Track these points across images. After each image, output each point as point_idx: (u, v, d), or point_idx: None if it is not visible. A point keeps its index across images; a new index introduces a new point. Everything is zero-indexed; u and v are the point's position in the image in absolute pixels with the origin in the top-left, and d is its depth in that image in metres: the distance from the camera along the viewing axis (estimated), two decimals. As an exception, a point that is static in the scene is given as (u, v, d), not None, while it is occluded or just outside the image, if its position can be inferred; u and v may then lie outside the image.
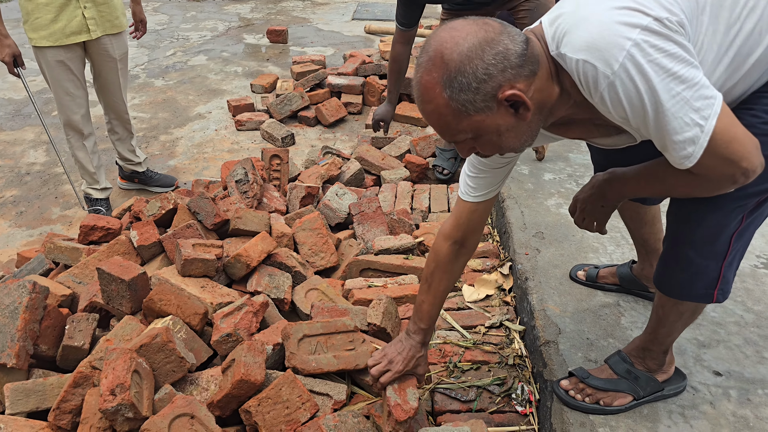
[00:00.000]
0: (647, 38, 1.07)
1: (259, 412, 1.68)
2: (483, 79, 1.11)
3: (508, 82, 1.13)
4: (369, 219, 2.75)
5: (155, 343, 1.76)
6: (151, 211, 2.51)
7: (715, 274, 1.41)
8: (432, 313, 1.69)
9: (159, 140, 4.37)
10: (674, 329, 1.56)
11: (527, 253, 2.32)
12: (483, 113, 1.15)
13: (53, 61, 3.04)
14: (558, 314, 1.99)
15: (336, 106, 4.51)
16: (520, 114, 1.17)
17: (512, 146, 1.25)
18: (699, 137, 1.11)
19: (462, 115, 1.15)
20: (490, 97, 1.13)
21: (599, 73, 1.11)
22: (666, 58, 1.08)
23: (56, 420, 1.70)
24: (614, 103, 1.14)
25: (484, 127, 1.18)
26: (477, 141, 1.23)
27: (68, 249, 2.45)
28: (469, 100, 1.13)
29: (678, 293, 1.48)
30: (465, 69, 1.11)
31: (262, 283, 2.21)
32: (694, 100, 1.10)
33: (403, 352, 1.69)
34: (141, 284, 2.03)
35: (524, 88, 1.15)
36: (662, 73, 1.08)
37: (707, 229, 1.36)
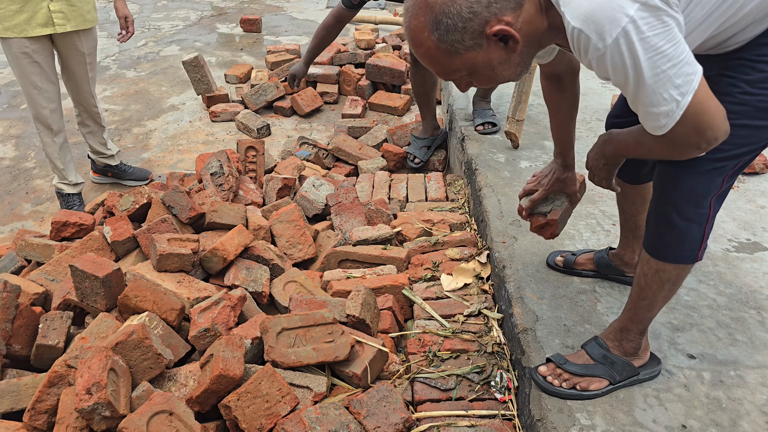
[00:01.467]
0: (644, 14, 1.12)
1: (238, 407, 1.67)
2: (468, 18, 1.14)
3: (494, 16, 1.16)
4: (346, 210, 2.74)
5: (131, 341, 1.74)
6: (124, 206, 2.48)
7: (699, 235, 1.46)
8: (561, 137, 1.84)
9: (132, 133, 4.30)
10: (655, 301, 1.58)
11: (504, 241, 2.34)
12: (473, 50, 1.19)
13: (19, 52, 2.97)
14: (535, 301, 2.01)
15: (311, 95, 4.48)
16: (510, 47, 1.21)
17: (508, 77, 1.30)
18: (674, 111, 1.19)
19: (453, 54, 1.19)
20: (478, 34, 1.17)
21: (591, 44, 1.16)
22: (657, 36, 1.13)
23: (31, 420, 1.68)
24: (601, 70, 1.21)
25: (476, 63, 1.22)
26: (472, 76, 1.28)
27: (40, 246, 2.41)
28: (458, 39, 1.17)
29: (667, 254, 1.51)
30: (449, 10, 1.14)
31: (240, 277, 2.20)
32: (676, 77, 1.16)
33: (550, 174, 1.87)
34: (115, 281, 2.00)
35: (511, 20, 1.18)
36: (651, 51, 1.14)
37: (687, 191, 1.41)
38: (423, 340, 2.07)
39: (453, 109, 3.72)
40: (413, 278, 2.38)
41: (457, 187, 3.15)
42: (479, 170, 2.87)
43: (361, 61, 4.89)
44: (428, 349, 2.02)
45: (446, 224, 2.72)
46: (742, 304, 1.99)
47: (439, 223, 2.73)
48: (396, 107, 4.38)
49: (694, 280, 2.09)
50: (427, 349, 2.02)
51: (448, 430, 1.72)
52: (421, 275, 2.38)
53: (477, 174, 2.85)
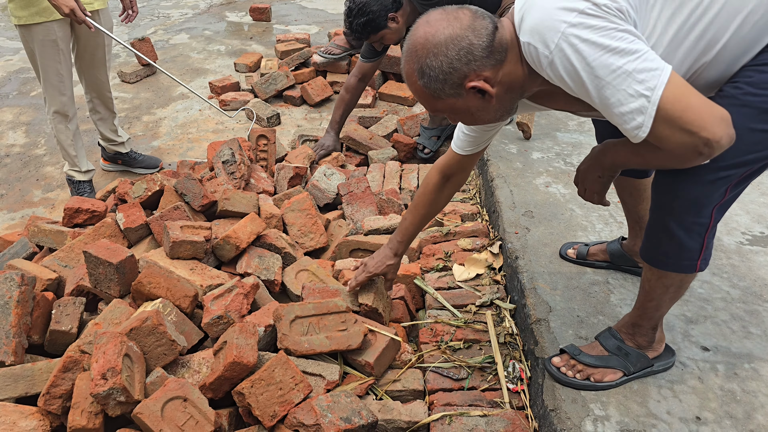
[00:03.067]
0: (583, 20, 1.17)
1: (252, 394, 1.67)
2: (449, 72, 1.27)
3: (473, 72, 1.28)
4: (358, 199, 2.73)
5: (145, 327, 1.74)
6: (137, 193, 2.48)
7: (697, 246, 1.43)
8: (410, 230, 1.95)
9: (141, 121, 4.30)
10: (662, 303, 1.57)
11: (517, 232, 2.33)
12: (453, 98, 1.33)
13: (46, 39, 2.95)
14: (548, 292, 2.01)
15: (321, 85, 4.46)
16: (486, 98, 1.33)
17: (487, 120, 1.42)
18: (646, 107, 1.17)
19: (436, 98, 1.34)
20: (457, 86, 1.30)
21: (540, 54, 1.23)
22: (603, 37, 1.16)
23: (46, 405, 1.69)
24: (558, 79, 1.25)
25: (456, 108, 1.36)
26: (455, 116, 1.41)
27: (52, 232, 2.41)
28: (439, 88, 1.31)
29: (664, 264, 1.49)
30: (432, 64, 1.28)
31: (252, 265, 2.20)
32: (637, 73, 1.16)
33: (376, 257, 2.00)
34: (129, 267, 2.01)
35: (491, 75, 1.30)
36: (599, 50, 1.16)
37: (687, 201, 1.37)
38: (435, 329, 2.07)
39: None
40: (425, 268, 2.38)
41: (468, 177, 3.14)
42: (491, 161, 2.86)
43: (371, 51, 4.86)
44: (440, 339, 2.02)
45: (457, 215, 2.71)
46: (756, 297, 1.98)
47: (451, 214, 2.72)
48: (406, 97, 4.36)
49: (708, 272, 2.08)
50: (439, 339, 2.02)
51: (460, 419, 1.72)
52: (433, 265, 2.37)
53: (489, 165, 2.84)
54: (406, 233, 1.95)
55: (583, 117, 1.56)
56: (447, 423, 1.71)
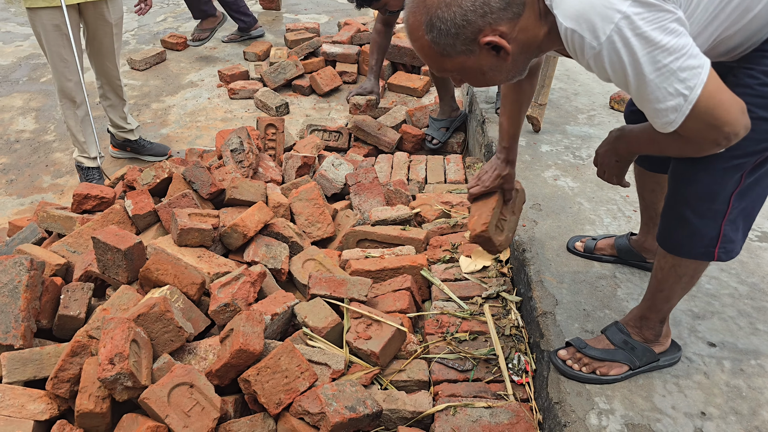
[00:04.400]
0: (637, 10, 1.10)
1: (258, 382, 1.68)
2: (462, 25, 1.17)
3: (488, 25, 1.18)
4: (366, 190, 2.73)
5: (153, 313, 1.75)
6: (145, 180, 2.49)
7: (713, 233, 1.42)
8: (510, 131, 1.80)
9: (150, 108, 4.31)
10: (673, 293, 1.57)
11: (524, 224, 2.32)
12: (465, 55, 1.22)
13: (50, 24, 2.97)
14: (555, 285, 2.00)
15: (331, 75, 4.45)
16: (501, 56, 1.23)
17: (499, 81, 1.34)
18: (682, 106, 1.16)
19: (445, 56, 1.23)
20: (470, 41, 1.19)
21: (586, 44, 1.15)
22: (654, 31, 1.11)
23: (54, 389, 1.70)
24: (600, 70, 1.20)
25: (467, 67, 1.25)
26: (463, 77, 1.31)
27: (62, 218, 2.43)
28: (450, 44, 1.20)
29: (679, 250, 1.49)
30: (444, 15, 1.16)
31: (259, 254, 2.20)
32: (680, 71, 1.14)
33: (490, 170, 1.83)
34: (137, 254, 2.02)
35: (507, 30, 1.20)
36: (648, 46, 1.12)
37: (701, 188, 1.37)
38: (441, 321, 2.07)
39: (473, 91, 3.69)
40: (432, 259, 2.38)
41: (476, 170, 3.13)
42: (499, 153, 2.85)
43: (381, 41, 4.84)
44: (446, 330, 2.02)
45: (465, 207, 2.71)
46: (763, 294, 1.97)
47: (458, 206, 2.72)
48: (415, 88, 4.34)
49: (716, 268, 2.07)
50: (444, 330, 2.03)
51: (465, 410, 1.73)
52: (440, 256, 2.37)
53: (497, 157, 2.83)
54: (507, 135, 1.81)
55: None
56: (451, 414, 1.71)
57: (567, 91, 3.52)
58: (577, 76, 3.74)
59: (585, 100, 3.41)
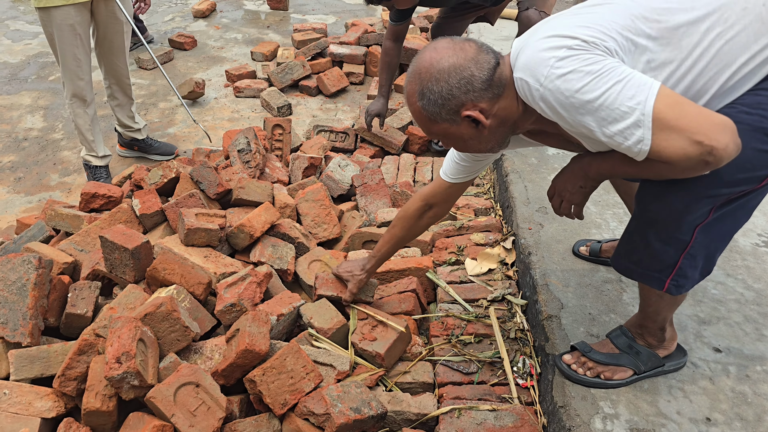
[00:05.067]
0: (571, 53, 1.21)
1: (263, 382, 1.69)
2: (447, 98, 1.33)
3: (470, 101, 1.33)
4: (372, 191, 2.74)
5: (160, 312, 1.76)
6: (153, 180, 2.50)
7: (671, 261, 1.41)
8: (383, 249, 1.98)
9: (158, 107, 4.33)
10: (660, 309, 1.57)
11: (530, 228, 2.32)
12: (448, 123, 1.37)
13: (64, 24, 2.97)
14: (560, 289, 2.00)
15: (338, 75, 4.46)
16: (479, 128, 1.38)
17: (477, 149, 1.46)
18: (642, 119, 1.17)
19: (432, 121, 1.38)
20: (453, 113, 1.35)
21: (531, 87, 1.27)
22: (591, 65, 1.19)
23: (61, 386, 1.71)
24: (551, 110, 1.26)
25: (450, 133, 1.41)
26: (447, 141, 1.46)
27: (69, 216, 2.44)
28: (436, 112, 1.35)
29: (632, 272, 1.50)
30: (433, 88, 1.33)
31: (266, 254, 2.21)
32: (627, 89, 1.18)
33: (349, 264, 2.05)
34: (144, 253, 2.03)
35: (487, 107, 1.34)
36: (588, 76, 1.19)
37: (669, 212, 1.34)
38: (446, 323, 2.08)
39: (480, 94, 3.68)
40: (437, 261, 2.38)
41: (482, 172, 3.13)
42: (506, 156, 2.85)
43: (388, 42, 4.85)
44: (451, 333, 2.03)
45: (471, 209, 2.71)
46: (770, 300, 1.97)
47: (464, 208, 2.72)
48: (422, 90, 4.34)
49: (722, 273, 2.07)
50: (449, 333, 2.03)
51: (469, 413, 1.73)
52: (445, 259, 2.38)
53: (504, 159, 2.83)
54: (379, 250, 1.98)
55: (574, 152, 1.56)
56: (456, 416, 1.72)
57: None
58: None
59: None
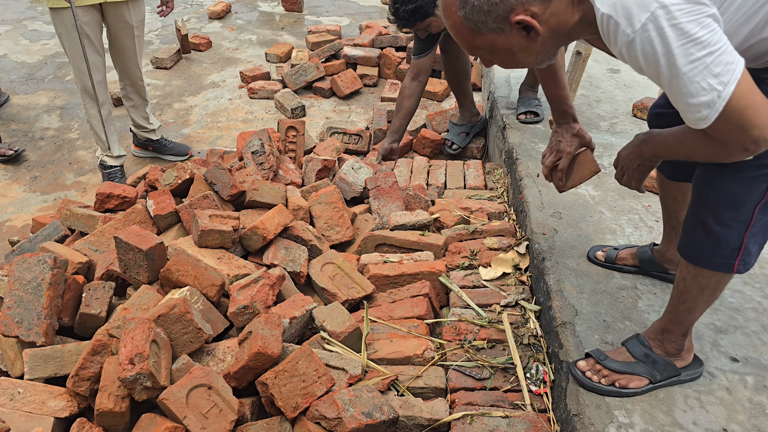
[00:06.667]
0: (675, 0, 1.10)
1: (275, 385, 1.69)
2: (494, 2, 1.19)
3: (521, 5, 1.19)
4: (385, 194, 2.73)
5: (173, 314, 1.77)
6: (167, 181, 2.51)
7: (736, 244, 1.40)
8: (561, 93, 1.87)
9: (173, 108, 4.35)
10: (695, 305, 1.55)
11: (544, 233, 2.31)
12: (495, 33, 1.23)
13: (71, 24, 3.01)
14: (575, 295, 1.99)
15: (351, 77, 4.47)
16: (531, 36, 1.24)
17: (528, 63, 1.35)
18: (715, 102, 1.15)
19: (476, 33, 1.24)
20: (501, 19, 1.21)
21: (620, 30, 1.15)
22: (690, 23, 1.11)
23: (75, 386, 1.72)
24: (632, 59, 1.18)
25: (497, 46, 1.26)
26: (493, 57, 1.32)
27: (84, 216, 2.45)
28: (482, 20, 1.21)
29: (699, 260, 1.47)
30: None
31: (279, 256, 2.21)
32: (714, 66, 1.13)
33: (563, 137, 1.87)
34: (158, 254, 2.03)
35: (539, 11, 1.21)
36: (683, 38, 1.11)
37: (726, 196, 1.36)
38: (459, 328, 2.07)
39: (494, 97, 3.67)
40: (450, 266, 2.37)
41: (496, 176, 3.12)
42: (520, 160, 2.84)
43: (402, 45, 4.85)
44: (464, 338, 2.01)
45: (484, 213, 2.70)
46: (789, 309, 1.94)
47: (477, 212, 2.71)
48: (436, 92, 4.34)
49: (740, 281, 2.04)
50: (462, 338, 2.02)
51: (481, 419, 1.72)
52: (459, 263, 2.37)
53: (518, 163, 2.82)
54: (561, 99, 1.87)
55: None
56: (468, 422, 1.71)
57: (589, 98, 3.49)
58: (599, 83, 3.70)
59: (607, 108, 3.38)
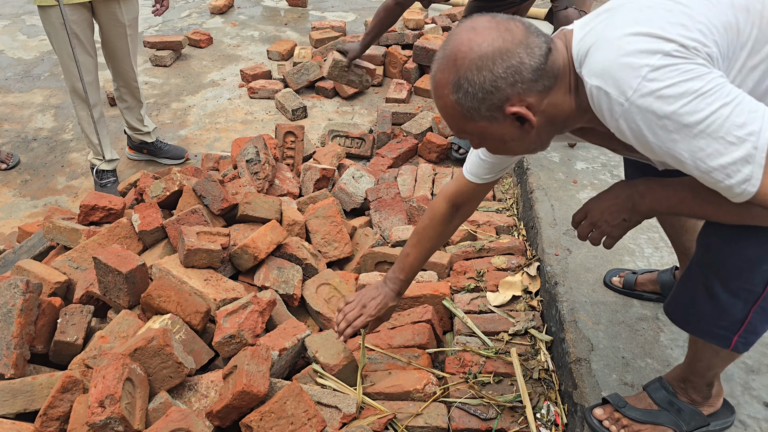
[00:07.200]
0: (668, 62, 0.97)
1: (261, 428, 1.54)
2: (489, 91, 1.09)
3: (516, 95, 1.10)
4: (387, 206, 2.57)
5: (151, 347, 1.62)
6: (155, 193, 2.36)
7: (740, 316, 1.21)
8: (415, 266, 1.72)
9: (170, 108, 4.20)
10: (713, 365, 1.38)
11: (557, 253, 2.14)
12: (487, 121, 1.14)
13: (59, 23, 2.86)
14: (590, 327, 1.82)
15: (355, 77, 4.29)
16: (525, 128, 1.15)
17: (518, 152, 1.25)
18: (753, 154, 0.95)
19: (467, 118, 1.15)
20: (495, 108, 1.11)
21: (612, 101, 1.03)
22: (691, 80, 0.96)
23: (43, 426, 1.58)
24: (633, 133, 1.04)
25: (488, 133, 1.17)
26: (482, 142, 1.23)
27: (67, 230, 2.31)
28: (474, 107, 1.12)
29: (694, 325, 1.30)
30: (473, 78, 1.09)
31: (270, 278, 2.06)
32: (736, 114, 0.95)
33: (378, 298, 1.72)
34: (139, 276, 1.89)
35: (535, 102, 1.12)
36: (689, 95, 0.96)
37: (742, 260, 1.15)
38: (463, 359, 1.91)
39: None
40: (455, 287, 2.21)
41: (505, 186, 2.95)
42: (531, 170, 2.67)
43: (409, 42, 4.66)
44: (468, 371, 1.86)
45: (492, 227, 2.54)
46: (826, 345, 1.77)
47: (485, 225, 2.54)
48: (443, 93, 4.16)
49: (771, 312, 1.87)
50: (467, 371, 1.86)
51: (487, 467, 1.57)
52: (464, 284, 2.21)
53: (529, 174, 2.65)
54: (411, 270, 1.72)
55: (621, 155, 1.41)
56: (472, 472, 1.55)
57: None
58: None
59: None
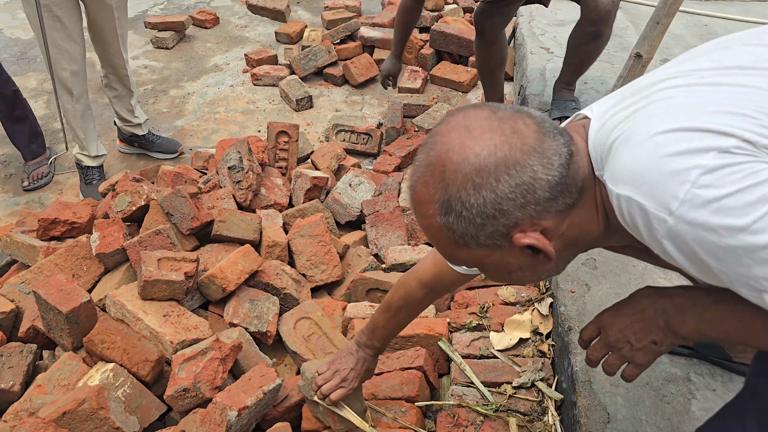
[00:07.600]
0: (727, 161, 0.72)
1: None
2: (492, 215, 0.82)
3: (528, 218, 0.83)
4: (384, 221, 2.29)
5: (82, 410, 1.38)
6: (119, 207, 2.10)
7: None
8: (392, 335, 1.53)
9: (168, 95, 3.95)
10: None
11: (573, 290, 1.84)
12: (488, 249, 0.87)
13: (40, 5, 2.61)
14: (608, 390, 1.53)
15: (366, 63, 3.98)
16: (539, 258, 0.87)
17: (526, 282, 1.02)
18: None
19: (460, 245, 0.87)
20: (499, 236, 0.84)
21: (651, 216, 0.77)
22: (758, 185, 0.71)
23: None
24: (689, 257, 0.77)
25: (488, 263, 0.90)
26: (481, 270, 0.98)
27: (25, 246, 2.08)
28: (471, 234, 0.85)
29: None
30: (468, 199, 0.82)
31: (240, 313, 1.81)
32: None
33: (357, 366, 1.51)
34: (84, 315, 1.64)
35: (552, 225, 0.85)
36: (759, 204, 0.71)
37: None
38: (458, 416, 1.64)
39: (526, 93, 3.16)
40: (454, 323, 1.93)
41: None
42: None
43: (426, 25, 4.31)
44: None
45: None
46: None
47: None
48: (461, 82, 3.83)
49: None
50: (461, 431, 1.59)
51: None
52: (465, 321, 1.92)
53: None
54: (387, 339, 1.51)
55: None
56: None
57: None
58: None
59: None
